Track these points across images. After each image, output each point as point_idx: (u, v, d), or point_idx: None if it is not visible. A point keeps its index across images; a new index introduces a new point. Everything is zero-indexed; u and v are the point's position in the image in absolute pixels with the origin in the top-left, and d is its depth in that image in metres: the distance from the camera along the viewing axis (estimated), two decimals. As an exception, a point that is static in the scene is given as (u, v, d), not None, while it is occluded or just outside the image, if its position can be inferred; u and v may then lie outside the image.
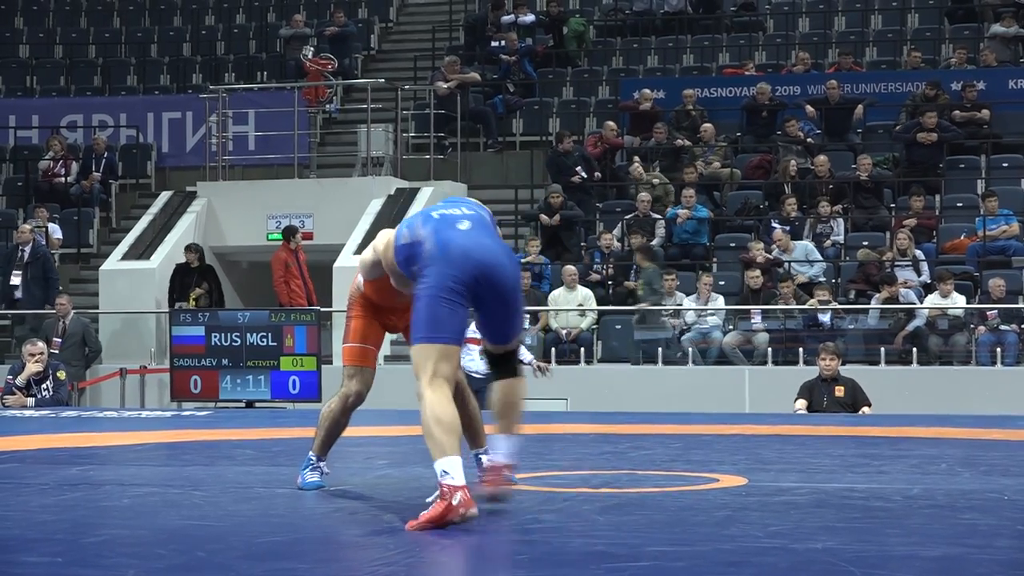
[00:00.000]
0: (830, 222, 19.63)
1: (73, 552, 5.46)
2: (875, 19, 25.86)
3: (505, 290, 6.38)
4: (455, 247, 6.31)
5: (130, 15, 29.18)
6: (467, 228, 6.41)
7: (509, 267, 6.39)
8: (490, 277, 6.31)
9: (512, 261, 6.46)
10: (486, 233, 6.46)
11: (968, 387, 16.81)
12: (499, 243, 6.50)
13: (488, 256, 6.32)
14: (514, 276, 6.44)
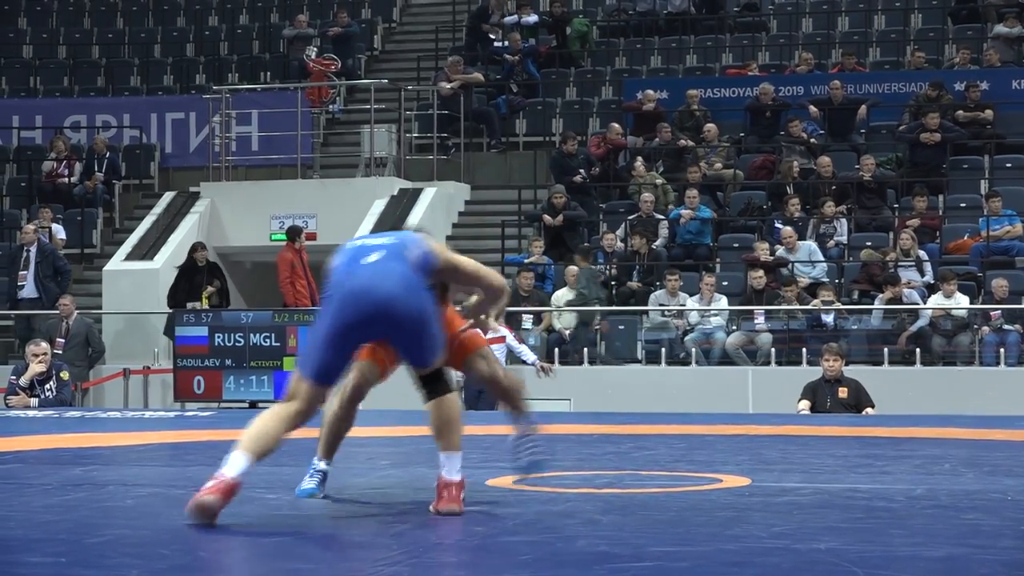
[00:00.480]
0: (833, 222, 19.62)
1: (76, 552, 5.46)
2: (878, 19, 25.85)
3: (403, 321, 6.42)
4: (351, 286, 6.41)
5: (134, 15, 29.18)
6: (373, 261, 6.48)
7: (404, 299, 6.39)
8: (385, 313, 6.37)
9: (409, 291, 6.41)
10: (390, 267, 6.46)
11: (971, 387, 16.80)
12: (401, 275, 6.44)
13: (381, 293, 6.36)
14: (411, 306, 6.41)
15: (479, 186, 22.92)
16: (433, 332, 6.52)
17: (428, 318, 6.48)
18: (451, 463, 6.51)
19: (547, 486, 7.49)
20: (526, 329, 18.39)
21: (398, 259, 6.50)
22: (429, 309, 6.48)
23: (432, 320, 6.50)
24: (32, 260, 19.95)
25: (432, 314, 6.50)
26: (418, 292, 6.45)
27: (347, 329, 6.39)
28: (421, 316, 6.45)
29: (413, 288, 6.44)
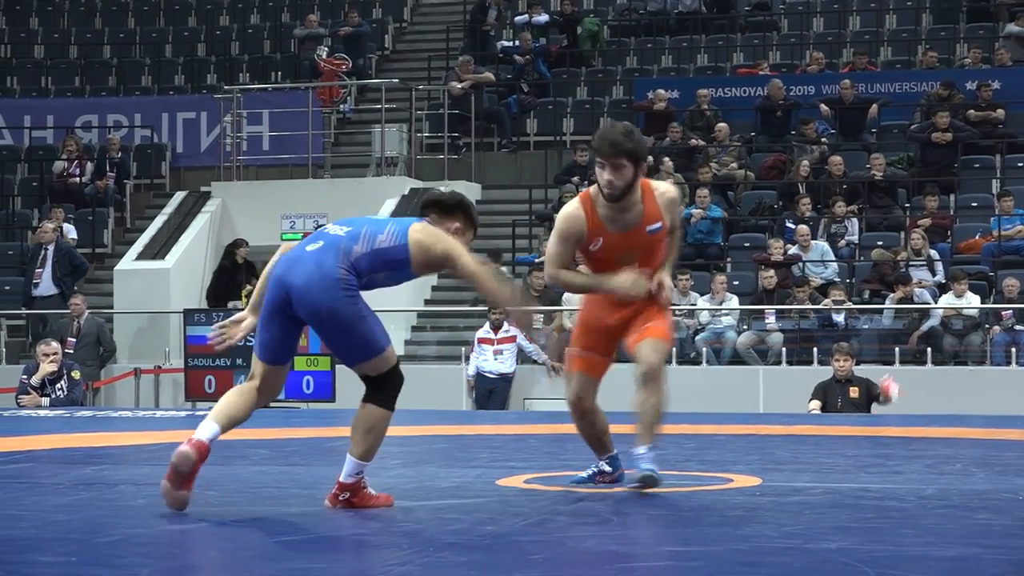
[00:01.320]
0: (844, 222, 19.61)
1: (87, 552, 5.46)
2: (890, 19, 25.83)
3: (307, 315, 6.43)
4: (277, 271, 6.50)
5: (145, 15, 29.21)
6: (312, 249, 6.48)
7: (305, 293, 6.37)
8: (290, 303, 6.43)
9: (314, 286, 6.37)
10: (314, 259, 6.42)
11: (983, 387, 16.78)
12: (317, 269, 6.39)
13: (289, 284, 6.41)
14: (314, 302, 6.38)
15: (490, 186, 22.93)
16: (347, 336, 6.45)
17: (334, 319, 6.41)
18: (348, 466, 6.58)
19: (557, 486, 7.49)
20: (537, 328, 18.39)
21: (331, 251, 6.43)
22: (339, 311, 6.38)
23: (343, 323, 6.41)
24: (49, 258, 20.00)
25: (346, 317, 6.39)
26: (328, 291, 6.36)
27: (270, 313, 6.52)
28: (323, 314, 6.40)
29: (325, 286, 6.37)
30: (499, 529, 6.01)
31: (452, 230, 6.63)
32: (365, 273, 6.45)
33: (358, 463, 6.57)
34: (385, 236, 6.48)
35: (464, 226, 6.72)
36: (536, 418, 14.52)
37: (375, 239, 6.47)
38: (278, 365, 6.61)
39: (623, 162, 7.05)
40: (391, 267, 6.50)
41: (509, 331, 17.35)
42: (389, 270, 6.52)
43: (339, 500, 6.57)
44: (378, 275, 6.52)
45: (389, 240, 6.47)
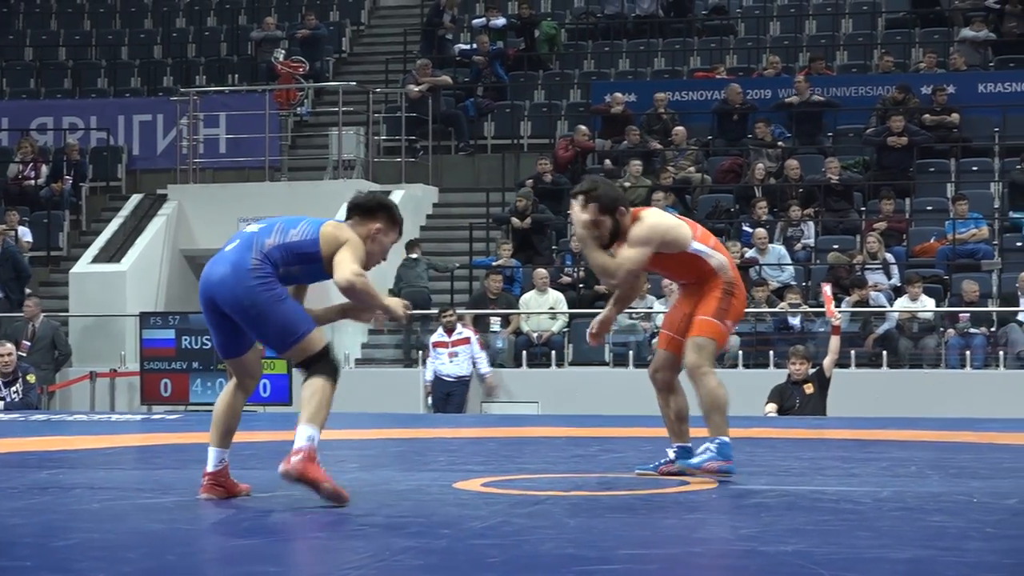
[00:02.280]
0: (800, 226, 19.68)
1: (42, 556, 5.44)
2: (845, 23, 25.94)
3: (229, 307, 6.76)
4: (203, 272, 6.89)
5: (100, 17, 29.09)
6: (229, 249, 6.85)
7: (224, 286, 6.73)
8: (214, 298, 6.79)
9: (231, 279, 6.71)
10: (229, 256, 6.79)
11: (937, 390, 16.87)
12: (233, 264, 6.74)
13: (212, 278, 6.79)
14: (233, 294, 6.72)
15: (447, 189, 22.93)
16: (266, 320, 6.72)
17: (249, 305, 6.71)
18: (299, 432, 6.73)
19: (515, 489, 7.49)
20: (494, 332, 18.41)
21: (245, 248, 6.77)
22: (252, 297, 6.69)
23: (258, 309, 6.71)
24: (-6, 263, 19.90)
25: (260, 302, 6.69)
26: (241, 281, 6.69)
27: (207, 314, 6.90)
28: (240, 303, 6.71)
29: (237, 276, 6.70)
30: (456, 532, 6.01)
31: (373, 231, 6.92)
32: (280, 264, 6.74)
33: (308, 427, 6.70)
34: (297, 231, 6.82)
35: (386, 226, 6.98)
36: (493, 421, 14.52)
37: (287, 233, 6.81)
38: (240, 357, 6.96)
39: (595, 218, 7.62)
40: (303, 260, 6.78)
41: (462, 333, 17.35)
42: (302, 263, 6.79)
43: (291, 463, 6.67)
44: (292, 268, 6.78)
45: (301, 234, 6.81)
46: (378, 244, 6.97)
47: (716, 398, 7.73)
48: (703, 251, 7.78)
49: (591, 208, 7.63)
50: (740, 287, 7.93)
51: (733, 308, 7.84)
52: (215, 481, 7.05)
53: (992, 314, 17.99)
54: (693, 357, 7.73)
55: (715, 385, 7.73)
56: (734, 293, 7.84)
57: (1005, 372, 17.21)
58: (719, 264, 7.80)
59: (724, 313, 7.79)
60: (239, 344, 6.93)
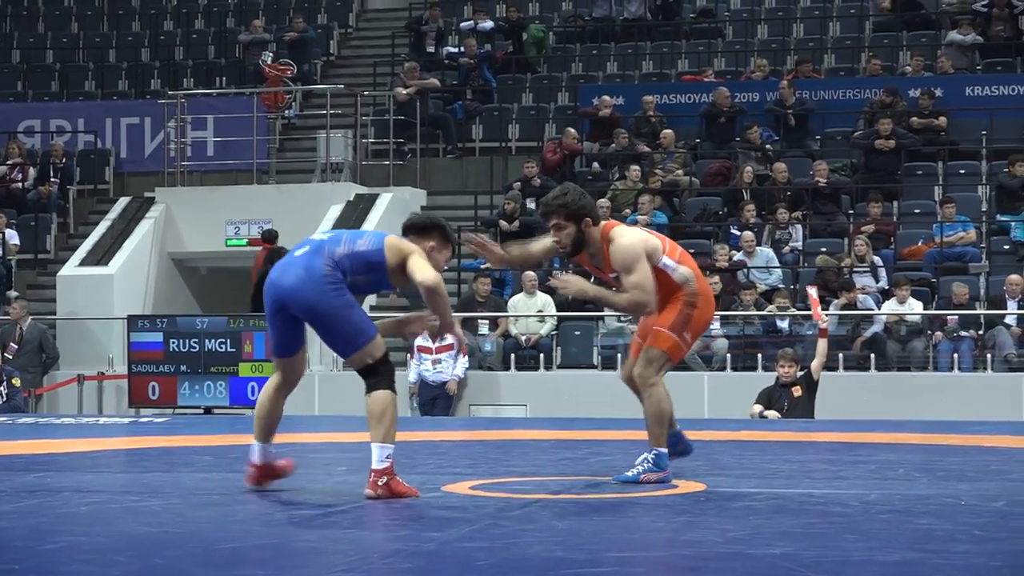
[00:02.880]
0: (788, 228, 19.69)
1: (31, 559, 5.43)
2: (833, 26, 25.97)
3: (299, 311, 7.19)
4: (271, 276, 7.30)
5: (88, 20, 29.05)
6: (300, 254, 7.26)
7: (297, 291, 7.14)
8: (283, 302, 7.22)
9: (305, 285, 7.12)
10: (301, 261, 7.19)
11: (925, 393, 16.88)
12: (305, 269, 7.14)
13: (280, 285, 7.20)
14: (304, 298, 7.14)
15: (435, 192, 22.90)
16: (337, 324, 7.14)
17: (323, 310, 7.13)
18: (375, 453, 7.18)
19: (503, 492, 7.49)
20: (483, 335, 18.40)
21: (317, 254, 7.18)
22: (327, 302, 7.11)
23: (331, 313, 7.12)
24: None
25: (333, 307, 7.11)
26: (316, 286, 7.10)
27: (271, 314, 7.31)
28: (314, 308, 7.13)
29: (312, 282, 7.11)
30: (444, 535, 6.01)
31: (428, 248, 7.32)
32: (348, 272, 7.15)
33: (381, 447, 7.18)
34: (364, 241, 7.26)
35: (439, 244, 7.41)
36: (482, 424, 14.52)
37: (355, 243, 7.24)
38: (291, 357, 7.44)
39: (559, 221, 7.80)
40: (370, 269, 7.20)
41: (447, 339, 17.32)
42: (368, 272, 7.21)
43: (378, 486, 7.12)
44: (359, 277, 7.20)
45: (367, 244, 7.23)
46: (433, 260, 7.32)
47: (660, 411, 7.91)
48: (669, 265, 7.91)
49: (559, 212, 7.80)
50: (705, 298, 8.03)
51: (694, 320, 7.96)
52: (259, 471, 7.50)
53: (980, 317, 18.01)
54: (641, 368, 7.93)
55: (661, 397, 7.90)
56: (696, 304, 7.95)
57: (993, 375, 17.22)
58: (682, 277, 7.92)
59: (682, 326, 7.93)
60: (294, 344, 7.39)
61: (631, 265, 7.75)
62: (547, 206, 7.84)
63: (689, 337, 8.02)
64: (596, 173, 22.04)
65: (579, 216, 7.78)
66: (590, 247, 7.86)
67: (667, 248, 7.95)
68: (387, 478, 7.13)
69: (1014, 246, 19.52)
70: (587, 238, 7.81)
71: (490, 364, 18.26)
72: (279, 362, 7.48)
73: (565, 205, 7.78)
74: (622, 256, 7.77)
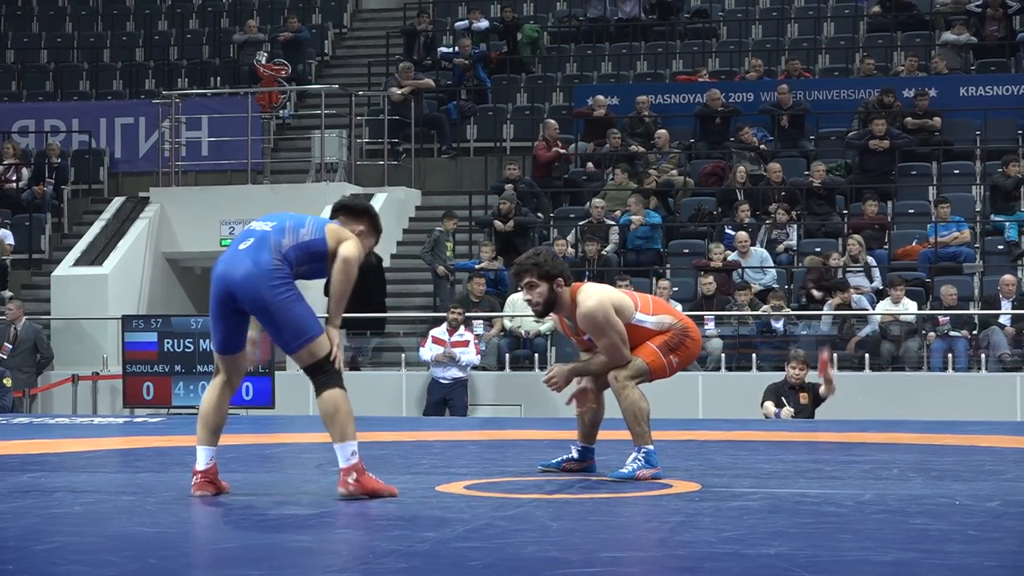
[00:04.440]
0: (785, 228, 19.70)
1: (24, 560, 5.43)
2: (827, 27, 25.99)
3: (248, 304, 7.12)
4: (217, 270, 7.21)
5: (82, 20, 29.04)
6: (245, 247, 7.16)
7: (245, 284, 7.07)
8: (231, 295, 7.13)
9: (253, 278, 7.05)
10: (248, 254, 7.11)
11: (920, 393, 16.88)
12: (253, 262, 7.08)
13: (234, 275, 7.11)
14: (253, 291, 7.06)
15: (430, 192, 22.90)
16: (284, 318, 7.07)
17: (272, 305, 7.06)
18: (338, 453, 7.14)
19: (497, 492, 7.49)
20: (478, 335, 18.39)
21: (263, 247, 7.12)
22: (275, 297, 7.05)
23: (279, 307, 7.06)
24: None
25: (282, 301, 7.05)
26: (264, 280, 7.04)
27: (218, 309, 7.23)
28: (263, 302, 7.07)
29: (260, 276, 7.05)
30: (439, 535, 6.01)
31: (356, 232, 7.29)
32: (294, 264, 7.11)
33: (342, 446, 7.12)
34: (307, 230, 7.19)
35: (368, 230, 7.41)
36: (476, 424, 14.52)
37: (298, 232, 7.17)
38: (236, 354, 7.36)
39: (531, 280, 8.09)
40: (314, 259, 7.16)
41: (463, 336, 17.30)
42: (312, 262, 7.17)
43: (349, 483, 7.10)
44: (303, 267, 7.16)
45: (310, 233, 7.18)
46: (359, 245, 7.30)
47: (639, 409, 8.17)
48: (644, 321, 8.22)
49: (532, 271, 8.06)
50: (694, 330, 8.38)
51: (685, 347, 8.30)
52: (207, 478, 7.31)
53: (974, 317, 18.02)
54: (619, 372, 8.17)
55: (637, 397, 8.17)
56: (689, 335, 8.32)
57: (987, 375, 17.23)
58: (658, 323, 8.25)
59: (671, 350, 8.25)
60: (239, 341, 7.33)
61: (601, 329, 8.07)
62: (520, 265, 8.14)
63: (676, 362, 8.30)
64: (590, 173, 22.05)
65: (551, 276, 8.08)
66: (562, 308, 8.16)
67: (640, 306, 8.25)
68: (356, 474, 7.12)
69: (1008, 246, 19.54)
70: (559, 298, 8.10)
71: (485, 364, 18.24)
72: (224, 359, 7.40)
73: (538, 264, 8.09)
74: (590, 322, 8.07)
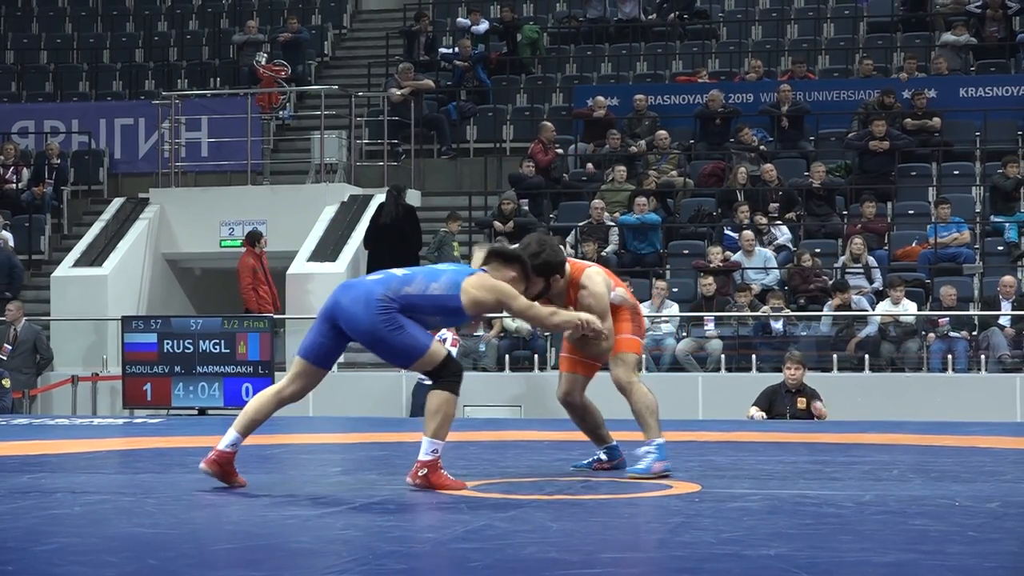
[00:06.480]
0: (771, 229, 19.71)
1: (24, 561, 5.43)
2: (827, 27, 25.99)
3: (352, 329, 7.49)
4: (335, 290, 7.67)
5: (82, 21, 29.04)
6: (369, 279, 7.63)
7: (349, 313, 7.46)
8: (340, 317, 7.51)
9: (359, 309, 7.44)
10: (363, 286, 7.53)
11: (919, 394, 16.89)
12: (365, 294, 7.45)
13: (342, 300, 7.52)
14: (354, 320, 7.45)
15: (430, 192, 22.90)
16: (387, 346, 7.47)
17: (372, 335, 7.45)
18: (423, 445, 7.54)
19: (497, 492, 7.49)
20: (477, 335, 18.40)
21: (381, 284, 7.49)
22: (375, 327, 7.41)
23: (379, 336, 7.44)
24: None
25: (382, 331, 7.42)
26: (367, 311, 7.41)
27: (321, 319, 7.61)
28: (363, 332, 7.45)
29: (365, 307, 7.41)
30: (439, 536, 6.01)
31: (508, 279, 7.73)
32: (407, 309, 7.47)
33: (431, 441, 7.51)
34: (439, 284, 7.55)
35: (520, 276, 7.81)
36: (476, 425, 14.51)
37: (428, 286, 7.54)
38: (319, 368, 7.65)
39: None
40: (444, 312, 7.57)
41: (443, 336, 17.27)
42: (442, 315, 7.60)
43: (418, 476, 7.50)
44: (428, 317, 7.55)
45: (442, 288, 7.54)
46: None
47: (649, 403, 8.45)
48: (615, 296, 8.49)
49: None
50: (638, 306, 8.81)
51: (640, 324, 8.66)
52: (219, 459, 7.55)
53: (974, 318, 18.02)
54: (621, 372, 8.46)
55: (645, 392, 8.45)
56: (638, 312, 8.70)
57: (986, 376, 17.24)
58: (620, 298, 8.50)
59: (638, 329, 8.62)
60: (328, 358, 7.66)
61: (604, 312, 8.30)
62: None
63: (640, 339, 8.71)
64: (590, 174, 22.05)
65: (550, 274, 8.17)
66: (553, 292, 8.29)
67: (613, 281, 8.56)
68: (427, 470, 7.47)
69: (1008, 247, 19.54)
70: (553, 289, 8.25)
71: (484, 365, 18.25)
72: (305, 366, 7.63)
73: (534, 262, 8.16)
74: (598, 303, 8.29)
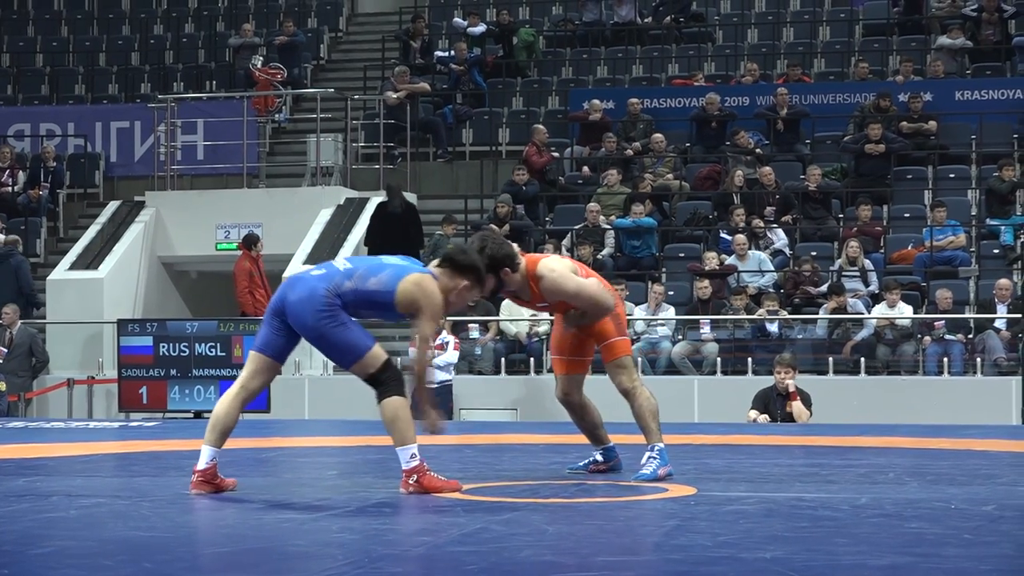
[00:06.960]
0: (767, 233, 19.72)
1: (19, 564, 5.42)
2: (823, 30, 26.00)
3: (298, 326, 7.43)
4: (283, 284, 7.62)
5: (78, 24, 29.03)
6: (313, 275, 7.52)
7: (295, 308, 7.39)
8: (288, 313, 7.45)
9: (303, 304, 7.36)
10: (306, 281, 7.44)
11: (915, 397, 16.90)
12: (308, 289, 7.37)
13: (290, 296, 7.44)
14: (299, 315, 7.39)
15: (426, 196, 22.89)
16: (329, 342, 7.41)
17: (316, 331, 7.38)
18: (399, 456, 7.45)
19: (493, 496, 7.49)
20: (473, 339, 18.39)
21: (325, 280, 7.40)
22: (318, 324, 7.34)
23: (322, 332, 7.37)
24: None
25: (325, 327, 7.35)
26: (312, 307, 7.35)
27: (270, 313, 7.55)
28: (307, 327, 7.39)
29: (310, 303, 7.36)
30: (435, 540, 6.00)
31: (460, 287, 7.59)
32: (350, 304, 7.38)
33: (404, 450, 7.44)
34: (378, 280, 7.42)
35: (473, 284, 7.66)
36: (472, 428, 14.51)
37: (367, 280, 7.41)
38: (272, 360, 7.56)
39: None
40: (376, 307, 7.44)
41: (444, 339, 17.28)
42: (375, 309, 7.45)
43: (410, 485, 7.42)
44: (362, 311, 7.43)
45: (379, 284, 7.40)
46: (461, 299, 7.70)
47: (651, 407, 8.45)
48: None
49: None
50: (617, 296, 8.72)
51: (622, 319, 8.63)
52: (203, 478, 7.47)
53: (969, 321, 18.03)
54: (624, 377, 8.49)
55: (648, 396, 8.47)
56: (618, 304, 8.58)
57: (982, 379, 17.25)
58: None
59: (621, 327, 8.57)
60: (283, 352, 7.58)
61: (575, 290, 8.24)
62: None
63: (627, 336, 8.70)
64: (586, 177, 22.05)
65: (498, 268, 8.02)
66: (510, 286, 8.18)
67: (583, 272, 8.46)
68: (417, 476, 7.41)
69: (1003, 250, 19.56)
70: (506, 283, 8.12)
71: (480, 368, 18.24)
72: (259, 359, 7.56)
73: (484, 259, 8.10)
74: (562, 288, 8.21)
